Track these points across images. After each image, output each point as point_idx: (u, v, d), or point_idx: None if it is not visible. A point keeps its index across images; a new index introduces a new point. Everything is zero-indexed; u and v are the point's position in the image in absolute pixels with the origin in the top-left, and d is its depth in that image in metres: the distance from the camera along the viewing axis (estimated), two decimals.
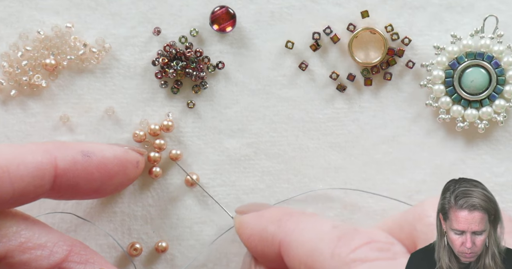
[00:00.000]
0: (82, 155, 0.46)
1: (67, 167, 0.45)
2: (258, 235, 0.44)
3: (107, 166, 0.46)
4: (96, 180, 0.46)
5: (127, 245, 0.53)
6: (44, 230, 0.45)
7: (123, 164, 0.47)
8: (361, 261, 0.36)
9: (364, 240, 0.37)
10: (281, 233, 0.42)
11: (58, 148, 0.45)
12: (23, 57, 0.52)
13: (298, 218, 0.42)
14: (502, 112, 0.53)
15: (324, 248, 0.38)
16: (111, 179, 0.47)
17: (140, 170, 0.49)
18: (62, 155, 0.45)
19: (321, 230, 0.40)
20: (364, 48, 0.53)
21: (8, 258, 0.44)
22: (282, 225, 0.42)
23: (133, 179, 0.50)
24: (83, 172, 0.45)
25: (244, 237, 0.46)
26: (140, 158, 0.49)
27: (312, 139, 0.54)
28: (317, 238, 0.39)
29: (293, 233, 0.41)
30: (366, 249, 0.37)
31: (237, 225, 0.47)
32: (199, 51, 0.53)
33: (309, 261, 0.39)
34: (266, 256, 0.43)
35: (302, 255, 0.39)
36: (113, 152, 0.47)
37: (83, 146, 0.46)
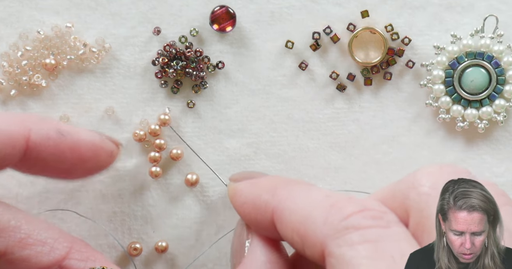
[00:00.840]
0: (57, 132, 0.45)
1: (40, 141, 0.45)
2: (252, 203, 0.43)
3: (80, 149, 0.46)
4: (66, 161, 0.46)
5: (127, 245, 0.53)
6: (44, 226, 0.45)
7: (97, 151, 0.47)
8: (354, 229, 0.36)
9: (357, 208, 0.37)
10: (274, 201, 0.41)
11: (35, 121, 0.45)
12: (23, 57, 0.52)
13: (292, 187, 0.42)
14: (502, 112, 0.53)
15: (317, 215, 0.38)
16: (82, 163, 0.47)
17: (112, 160, 0.49)
18: (37, 129, 0.45)
19: (315, 198, 0.39)
20: (364, 48, 0.53)
21: (8, 254, 0.44)
22: (276, 193, 0.42)
23: (104, 168, 0.49)
24: (55, 150, 0.45)
25: (238, 204, 0.45)
26: (115, 149, 0.49)
27: (312, 139, 0.54)
28: (310, 206, 0.39)
29: (287, 201, 0.41)
30: (359, 217, 0.36)
31: (230, 193, 0.47)
32: (199, 51, 0.53)
33: (302, 228, 0.38)
34: (259, 224, 0.43)
35: (294, 222, 0.39)
36: (89, 137, 0.47)
37: (60, 124, 0.46)
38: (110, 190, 0.53)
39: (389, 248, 0.35)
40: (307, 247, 0.38)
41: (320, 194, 0.39)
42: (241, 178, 0.47)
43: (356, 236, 0.35)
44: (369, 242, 0.35)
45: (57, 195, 0.53)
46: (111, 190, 0.53)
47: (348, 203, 0.37)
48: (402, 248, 0.35)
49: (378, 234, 0.35)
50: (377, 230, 0.36)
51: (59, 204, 0.53)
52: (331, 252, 0.36)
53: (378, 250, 0.35)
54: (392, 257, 0.34)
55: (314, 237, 0.37)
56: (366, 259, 0.34)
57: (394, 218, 0.37)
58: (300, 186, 0.42)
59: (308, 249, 0.38)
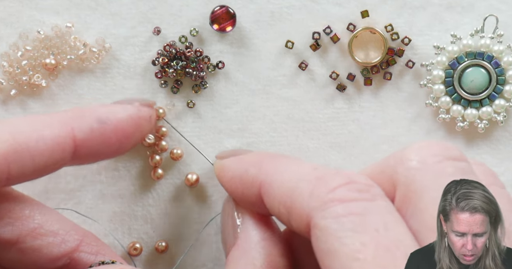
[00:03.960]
0: (98, 122, 0.46)
1: (85, 136, 0.45)
2: (239, 178, 0.43)
3: (124, 129, 0.47)
4: (114, 144, 0.46)
5: (127, 245, 0.53)
6: (56, 217, 0.46)
7: (137, 123, 0.48)
8: (339, 201, 0.36)
9: (344, 181, 0.37)
10: (261, 174, 0.41)
11: (74, 118, 0.45)
12: (23, 57, 0.52)
13: (279, 160, 0.42)
14: (502, 112, 0.53)
15: (303, 188, 0.38)
16: (128, 139, 0.47)
17: (153, 123, 0.50)
18: (79, 126, 0.45)
19: (302, 171, 0.39)
20: (364, 48, 0.53)
21: (19, 243, 0.44)
22: (263, 167, 0.42)
23: (148, 133, 0.50)
24: (101, 139, 0.46)
25: (225, 180, 0.45)
26: (151, 112, 0.50)
27: (312, 139, 0.54)
28: (297, 178, 0.39)
29: (274, 174, 0.41)
30: (344, 190, 0.36)
31: (217, 170, 0.47)
32: (199, 51, 0.53)
33: (288, 201, 0.38)
34: (247, 198, 0.43)
35: (281, 195, 0.39)
36: (127, 113, 0.47)
37: (98, 112, 0.46)
38: (110, 190, 0.53)
39: (373, 221, 0.35)
40: (293, 220, 0.38)
41: (308, 166, 0.40)
42: (227, 155, 0.47)
43: (341, 209, 0.35)
44: (354, 214, 0.35)
45: (57, 195, 0.53)
46: (111, 190, 0.53)
47: (335, 176, 0.37)
48: (386, 221, 0.35)
49: (363, 207, 0.35)
50: (362, 203, 0.36)
51: (59, 204, 0.53)
52: (316, 224, 0.36)
53: (363, 223, 0.35)
54: (376, 230, 0.34)
55: (300, 209, 0.37)
56: (350, 231, 0.34)
57: (379, 191, 0.37)
58: (287, 159, 0.42)
59: (294, 221, 0.38)
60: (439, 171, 0.37)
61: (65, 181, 0.53)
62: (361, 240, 0.34)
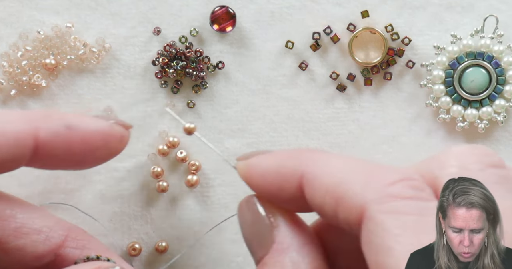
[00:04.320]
0: (65, 127, 0.44)
1: (49, 138, 0.44)
2: (275, 172, 0.41)
3: (90, 140, 0.45)
4: (77, 153, 0.45)
5: (127, 245, 0.53)
6: (39, 214, 0.45)
7: (106, 139, 0.46)
8: (398, 197, 0.34)
9: (400, 176, 0.35)
10: (302, 165, 0.39)
11: (42, 119, 0.44)
12: (23, 57, 0.52)
13: (320, 153, 0.40)
14: (502, 112, 0.53)
15: (356, 179, 0.36)
16: (93, 152, 0.46)
17: (124, 144, 0.47)
18: (45, 126, 0.44)
19: (351, 162, 0.37)
20: (364, 48, 0.53)
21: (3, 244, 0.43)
22: (304, 158, 0.40)
23: (116, 154, 0.48)
24: (65, 145, 0.44)
25: (256, 176, 0.42)
26: (125, 132, 0.47)
27: (312, 139, 0.54)
28: (347, 168, 0.37)
29: (319, 163, 0.38)
30: (402, 185, 0.35)
31: (243, 169, 0.44)
32: (199, 51, 0.53)
33: (338, 190, 0.36)
34: (283, 192, 0.40)
35: (329, 184, 0.37)
36: (97, 126, 0.45)
37: (67, 117, 0.45)
38: (110, 190, 0.53)
39: (431, 223, 0.34)
40: (342, 211, 0.36)
41: (355, 159, 0.38)
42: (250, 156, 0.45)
43: (401, 205, 0.34)
44: (414, 214, 0.34)
45: (57, 195, 0.53)
46: (111, 190, 0.53)
47: (389, 170, 0.36)
48: None
49: (421, 206, 0.34)
50: (420, 203, 0.34)
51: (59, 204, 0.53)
52: (372, 216, 0.34)
53: (421, 224, 0.34)
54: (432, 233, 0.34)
55: (353, 199, 0.36)
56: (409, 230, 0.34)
57: (432, 192, 0.36)
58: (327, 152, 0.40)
59: (343, 213, 0.36)
60: (482, 179, 0.35)
61: (65, 181, 0.53)
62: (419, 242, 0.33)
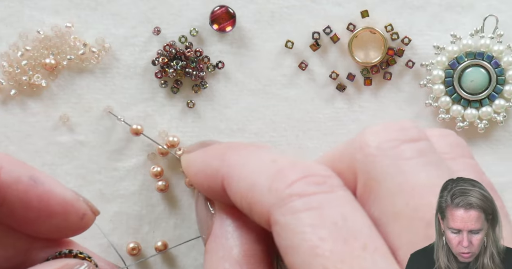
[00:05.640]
0: (30, 178, 0.42)
1: (9, 183, 0.42)
2: (203, 172, 0.42)
3: (49, 201, 0.43)
4: (32, 211, 0.43)
5: (127, 245, 0.53)
6: None
7: (66, 208, 0.43)
8: (297, 196, 0.35)
9: (301, 174, 0.36)
10: (223, 167, 0.40)
11: (9, 161, 0.42)
12: (23, 57, 0.52)
13: (241, 151, 0.41)
14: (502, 112, 0.53)
15: (263, 183, 0.37)
16: (49, 217, 0.43)
17: (84, 225, 0.45)
18: (8, 169, 0.42)
19: (261, 164, 0.38)
20: (364, 47, 0.53)
21: None
22: (225, 159, 0.40)
23: (75, 232, 0.45)
24: (23, 196, 0.42)
25: (191, 174, 0.44)
26: (88, 213, 0.45)
27: (312, 139, 0.54)
28: (256, 172, 0.38)
29: (235, 168, 0.39)
30: (302, 184, 0.35)
31: (184, 164, 0.45)
32: (199, 51, 0.53)
33: (249, 196, 0.37)
34: (213, 192, 0.41)
35: (243, 190, 0.38)
36: (62, 193, 0.43)
37: (36, 171, 0.43)
38: (110, 190, 0.53)
39: (331, 214, 0.34)
40: (255, 215, 0.37)
41: (267, 158, 0.38)
42: (195, 148, 0.46)
43: (299, 204, 0.35)
44: (312, 209, 0.34)
45: None
46: (111, 190, 0.53)
47: (292, 169, 0.36)
48: (345, 213, 0.34)
49: (321, 200, 0.35)
50: (320, 196, 0.35)
51: None
52: (276, 220, 0.35)
53: (321, 217, 0.34)
54: (335, 223, 0.34)
55: (260, 205, 0.37)
56: (309, 226, 0.34)
57: (338, 181, 0.36)
58: (249, 149, 0.41)
59: (256, 217, 0.37)
60: (397, 156, 0.36)
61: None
62: (319, 235, 0.34)
